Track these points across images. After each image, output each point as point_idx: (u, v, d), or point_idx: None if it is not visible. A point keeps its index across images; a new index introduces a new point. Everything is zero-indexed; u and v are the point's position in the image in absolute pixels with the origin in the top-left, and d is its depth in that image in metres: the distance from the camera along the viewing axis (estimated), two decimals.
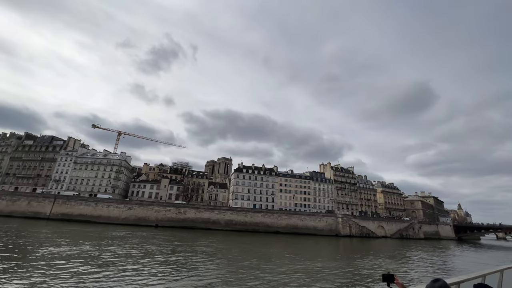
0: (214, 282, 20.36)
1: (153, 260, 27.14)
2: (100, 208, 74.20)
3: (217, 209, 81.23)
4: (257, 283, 20.90)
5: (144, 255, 29.38)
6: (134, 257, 27.73)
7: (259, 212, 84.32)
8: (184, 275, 21.98)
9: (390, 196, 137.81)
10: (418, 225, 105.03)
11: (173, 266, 25.28)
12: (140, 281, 19.26)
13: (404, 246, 69.73)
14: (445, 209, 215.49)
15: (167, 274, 22.00)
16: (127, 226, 70.45)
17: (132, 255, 28.92)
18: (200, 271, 23.58)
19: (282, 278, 23.02)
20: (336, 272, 27.50)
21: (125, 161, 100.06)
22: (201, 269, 24.61)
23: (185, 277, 21.27)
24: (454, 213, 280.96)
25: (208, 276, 22.03)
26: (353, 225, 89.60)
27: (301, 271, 26.50)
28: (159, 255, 30.11)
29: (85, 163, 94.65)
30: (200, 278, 21.26)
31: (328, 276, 25.28)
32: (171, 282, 19.85)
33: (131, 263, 24.83)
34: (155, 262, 26.31)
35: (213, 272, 23.56)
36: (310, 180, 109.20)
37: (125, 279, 19.49)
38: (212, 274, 22.80)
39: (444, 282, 2.85)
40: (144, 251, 32.29)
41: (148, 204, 77.23)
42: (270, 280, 22.24)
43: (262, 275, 23.78)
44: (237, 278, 22.20)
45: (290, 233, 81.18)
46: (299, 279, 23.31)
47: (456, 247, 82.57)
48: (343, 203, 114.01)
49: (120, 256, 27.89)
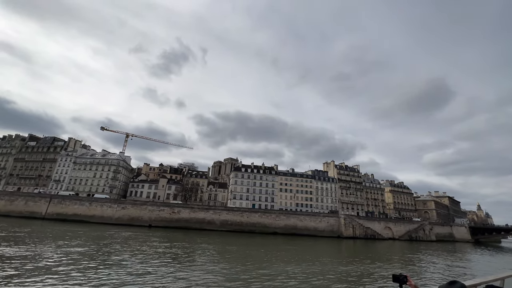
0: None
1: (127, 261, 24.83)
2: (94, 208, 73.60)
3: (212, 209, 78.82)
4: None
5: (120, 256, 27.16)
6: (104, 258, 25.53)
7: (256, 212, 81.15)
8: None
9: (400, 196, 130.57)
10: (429, 226, 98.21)
11: (142, 270, 22.80)
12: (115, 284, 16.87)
13: (411, 249, 64.52)
14: (462, 210, 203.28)
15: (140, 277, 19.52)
16: (120, 226, 69.28)
17: (104, 256, 26.76)
18: (174, 277, 20.95)
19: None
20: (331, 276, 24.17)
21: (123, 161, 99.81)
22: (175, 274, 21.97)
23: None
24: (473, 214, 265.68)
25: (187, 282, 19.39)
26: (357, 226, 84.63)
27: (291, 275, 23.38)
28: (136, 257, 27.79)
29: (84, 163, 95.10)
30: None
31: (321, 281, 22.05)
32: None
33: (101, 265, 22.58)
34: (127, 264, 23.96)
35: (193, 279, 20.89)
36: (312, 179, 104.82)
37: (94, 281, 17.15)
38: (192, 280, 20.17)
39: (463, 285, 2.63)
40: (121, 252, 30.10)
41: (142, 204, 75.94)
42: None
43: (247, 279, 20.84)
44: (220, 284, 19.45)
45: (288, 234, 77.47)
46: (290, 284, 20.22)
47: (471, 250, 76.00)
48: (348, 203, 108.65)
49: (84, 257, 25.77)
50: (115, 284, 18.10)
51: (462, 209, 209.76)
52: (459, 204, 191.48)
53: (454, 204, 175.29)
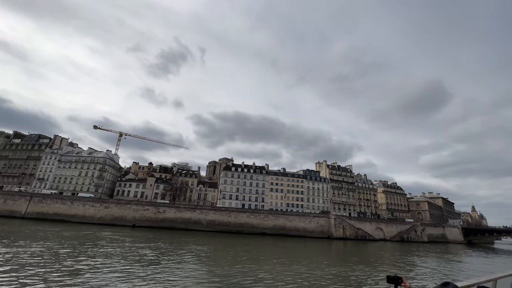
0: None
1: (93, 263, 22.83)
2: (75, 207, 71.26)
3: (198, 209, 76.80)
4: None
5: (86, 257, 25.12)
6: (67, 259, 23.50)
7: (244, 212, 79.28)
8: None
9: (393, 197, 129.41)
10: (421, 227, 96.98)
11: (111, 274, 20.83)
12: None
13: (401, 250, 63.09)
14: (456, 211, 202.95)
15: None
16: (102, 225, 67.04)
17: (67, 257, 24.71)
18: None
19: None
20: (318, 279, 22.36)
21: (110, 159, 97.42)
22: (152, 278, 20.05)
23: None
24: (467, 215, 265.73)
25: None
26: (347, 226, 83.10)
27: (276, 278, 21.55)
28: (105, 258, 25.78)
29: (69, 161, 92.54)
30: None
31: (308, 284, 20.23)
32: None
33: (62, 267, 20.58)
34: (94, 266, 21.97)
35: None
36: (303, 179, 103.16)
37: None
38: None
39: (455, 286, 2.64)
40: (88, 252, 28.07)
41: (126, 203, 73.69)
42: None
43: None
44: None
45: (277, 235, 75.76)
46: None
47: (463, 251, 74.85)
48: (340, 203, 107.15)
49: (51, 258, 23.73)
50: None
51: (456, 210, 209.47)
52: (453, 205, 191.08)
53: (448, 205, 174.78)
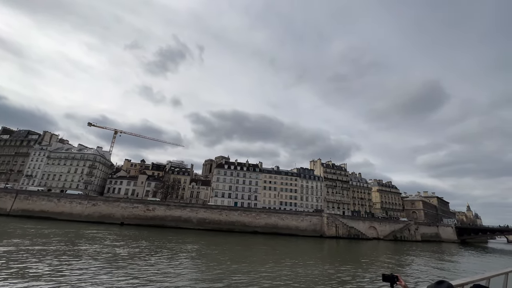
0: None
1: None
2: (62, 204, 69.64)
3: (189, 207, 75.52)
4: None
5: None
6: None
7: (236, 210, 78.14)
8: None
9: (388, 196, 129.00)
10: (415, 226, 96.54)
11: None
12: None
13: (393, 249, 62.45)
14: (451, 210, 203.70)
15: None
16: (89, 223, 65.56)
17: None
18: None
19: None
20: (308, 278, 21.24)
21: (101, 156, 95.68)
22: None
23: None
24: (462, 214, 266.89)
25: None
26: (340, 225, 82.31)
27: (265, 277, 20.37)
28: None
29: (58, 158, 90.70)
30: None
31: (299, 283, 19.07)
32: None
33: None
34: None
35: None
36: (297, 177, 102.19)
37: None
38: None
39: (450, 284, 2.65)
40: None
41: (114, 201, 72.20)
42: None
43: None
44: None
45: (269, 233, 74.75)
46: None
47: (455, 250, 74.39)
48: (334, 202, 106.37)
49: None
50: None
51: (451, 210, 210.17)
52: (448, 205, 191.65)
53: (442, 205, 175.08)
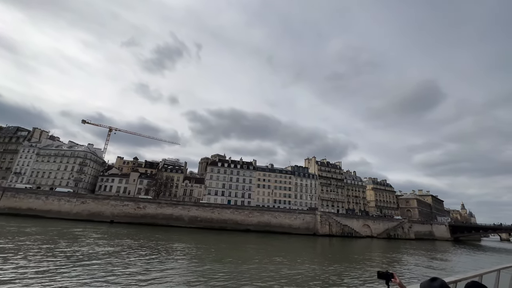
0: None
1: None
2: (50, 202, 68.22)
3: (180, 205, 74.51)
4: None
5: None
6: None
7: (228, 208, 77.29)
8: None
9: (382, 194, 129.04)
10: (409, 225, 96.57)
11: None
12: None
13: (386, 247, 62.24)
14: (445, 209, 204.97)
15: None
16: (78, 221, 64.26)
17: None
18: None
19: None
20: (300, 277, 20.41)
21: (92, 153, 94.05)
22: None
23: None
24: (456, 213, 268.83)
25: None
26: (334, 223, 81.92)
27: (254, 276, 19.47)
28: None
29: (48, 155, 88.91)
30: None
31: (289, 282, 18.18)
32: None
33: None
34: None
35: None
36: (291, 175, 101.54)
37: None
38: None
39: (443, 281, 2.65)
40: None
41: (104, 198, 70.92)
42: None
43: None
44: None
45: (262, 231, 74.14)
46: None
47: (448, 248, 74.42)
48: (328, 200, 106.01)
49: None
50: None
51: (445, 208, 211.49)
52: (442, 203, 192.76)
53: (437, 203, 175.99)
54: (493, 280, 5.11)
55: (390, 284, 3.37)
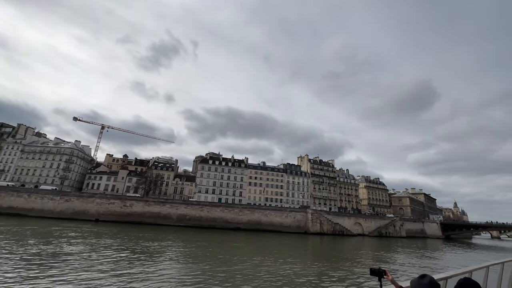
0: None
1: None
2: (33, 200, 66.03)
3: (169, 203, 72.94)
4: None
5: None
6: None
7: (218, 206, 75.98)
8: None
9: (375, 192, 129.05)
10: (400, 222, 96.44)
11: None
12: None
13: (377, 245, 61.70)
14: (438, 207, 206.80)
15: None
16: (62, 220, 62.32)
17: None
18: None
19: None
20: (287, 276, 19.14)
21: (79, 150, 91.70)
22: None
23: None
24: (449, 211, 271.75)
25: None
26: (325, 221, 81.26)
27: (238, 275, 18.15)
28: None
29: (32, 151, 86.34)
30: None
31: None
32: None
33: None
34: None
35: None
36: (283, 173, 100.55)
37: None
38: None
39: (432, 278, 2.67)
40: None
41: (89, 196, 68.98)
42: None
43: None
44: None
45: (252, 230, 73.06)
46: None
47: (438, 246, 74.38)
48: (320, 198, 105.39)
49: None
50: None
51: (438, 206, 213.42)
52: (435, 201, 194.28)
53: (429, 201, 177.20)
54: (482, 276, 5.17)
55: (382, 280, 3.33)
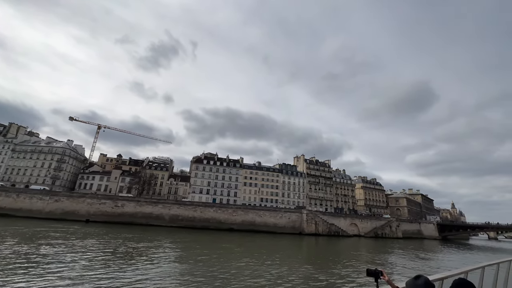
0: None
1: None
2: (21, 200, 64.70)
3: (161, 203, 71.78)
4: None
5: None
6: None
7: (211, 206, 74.88)
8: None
9: (372, 192, 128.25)
10: (396, 223, 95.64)
11: None
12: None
13: (372, 246, 60.84)
14: (435, 208, 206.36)
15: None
16: (51, 220, 61.00)
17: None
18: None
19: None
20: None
21: (72, 150, 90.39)
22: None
23: None
24: (446, 212, 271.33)
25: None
26: (320, 222, 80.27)
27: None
28: None
29: (24, 151, 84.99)
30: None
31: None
32: None
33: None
34: None
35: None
36: (279, 173, 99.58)
37: None
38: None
39: (427, 279, 2.65)
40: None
41: (79, 196, 67.73)
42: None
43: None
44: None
45: (246, 231, 71.96)
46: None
47: (434, 247, 73.48)
48: (316, 198, 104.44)
49: None
50: None
51: (436, 207, 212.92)
52: (432, 202, 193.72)
53: (427, 202, 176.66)
54: (478, 277, 5.14)
55: (379, 281, 3.29)
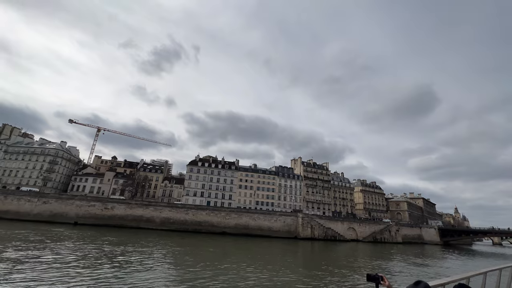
0: None
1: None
2: (9, 202, 63.35)
3: (152, 205, 70.09)
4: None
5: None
6: None
7: (204, 209, 73.05)
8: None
9: (371, 196, 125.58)
10: (396, 228, 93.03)
11: None
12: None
13: (368, 251, 58.53)
14: (437, 212, 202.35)
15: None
16: (38, 223, 59.57)
17: None
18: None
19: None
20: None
21: (64, 151, 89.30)
22: None
23: None
24: (449, 216, 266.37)
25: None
26: (316, 226, 78.04)
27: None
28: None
29: (16, 152, 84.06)
30: None
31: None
32: None
33: None
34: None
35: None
36: (275, 176, 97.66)
37: None
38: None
39: (427, 284, 2.67)
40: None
41: (68, 198, 66.29)
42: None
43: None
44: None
45: (240, 234, 69.97)
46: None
47: (434, 253, 70.79)
48: (314, 202, 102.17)
49: None
50: None
51: (438, 212, 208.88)
52: (434, 206, 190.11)
53: (428, 206, 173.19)
54: (480, 282, 5.01)
55: (379, 287, 3.19)
